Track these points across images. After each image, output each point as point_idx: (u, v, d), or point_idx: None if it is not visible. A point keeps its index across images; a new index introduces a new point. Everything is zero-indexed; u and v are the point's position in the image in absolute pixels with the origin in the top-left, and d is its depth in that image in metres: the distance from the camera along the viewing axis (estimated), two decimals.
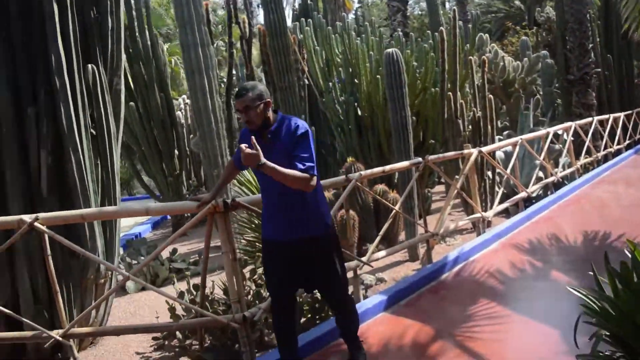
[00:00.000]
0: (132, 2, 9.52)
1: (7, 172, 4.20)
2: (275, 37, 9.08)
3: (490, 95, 7.87)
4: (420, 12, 31.99)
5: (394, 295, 4.50)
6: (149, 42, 9.74)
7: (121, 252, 7.47)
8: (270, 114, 2.98)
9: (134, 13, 9.57)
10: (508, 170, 7.40)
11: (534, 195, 8.06)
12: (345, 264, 4.62)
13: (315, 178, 2.90)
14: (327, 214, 3.12)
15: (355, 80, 9.21)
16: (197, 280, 4.07)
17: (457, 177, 6.37)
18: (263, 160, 2.70)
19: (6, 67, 4.21)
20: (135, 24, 9.67)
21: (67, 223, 3.98)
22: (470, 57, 8.43)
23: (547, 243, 5.92)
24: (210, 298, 4.33)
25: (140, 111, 9.90)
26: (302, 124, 2.96)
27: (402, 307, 4.44)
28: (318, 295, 4.47)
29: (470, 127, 7.87)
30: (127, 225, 10.71)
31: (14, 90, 4.27)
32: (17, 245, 4.16)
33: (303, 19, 10.05)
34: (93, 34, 4.74)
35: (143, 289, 6.49)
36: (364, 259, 4.59)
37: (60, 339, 3.55)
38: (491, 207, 7.03)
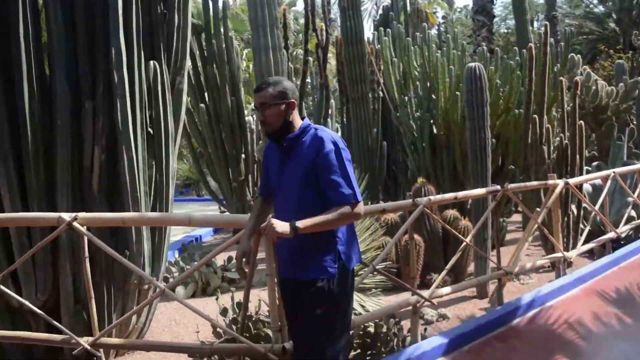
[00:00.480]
0: (210, 4, 9.48)
1: (58, 167, 4.04)
2: (351, 45, 8.75)
3: (581, 122, 7.16)
4: (506, 30, 30.86)
5: (455, 339, 4.00)
6: (224, 45, 9.64)
7: (177, 255, 7.32)
8: (295, 118, 2.46)
9: (211, 15, 9.52)
10: (597, 207, 6.65)
11: (623, 236, 7.23)
12: (405, 298, 4.20)
13: (360, 205, 2.36)
14: (343, 253, 2.43)
15: (433, 95, 8.71)
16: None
17: (538, 209, 5.75)
18: (296, 225, 2.25)
19: (67, 59, 4.07)
20: (212, 25, 9.61)
21: (106, 225, 3.76)
22: (561, 78, 7.75)
23: (637, 293, 5.22)
24: (254, 318, 3.99)
25: (210, 114, 9.80)
26: (332, 136, 2.41)
27: (463, 354, 3.93)
28: (371, 329, 4.04)
29: (555, 154, 7.19)
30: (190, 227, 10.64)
31: (73, 82, 4.13)
32: (61, 242, 4.01)
33: (382, 29, 9.66)
34: (158, 30, 4.56)
35: (193, 295, 6.29)
36: (425, 294, 4.11)
37: (89, 347, 3.31)
38: (574, 247, 6.33)
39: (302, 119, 2.50)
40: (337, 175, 2.32)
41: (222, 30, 9.62)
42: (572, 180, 6.16)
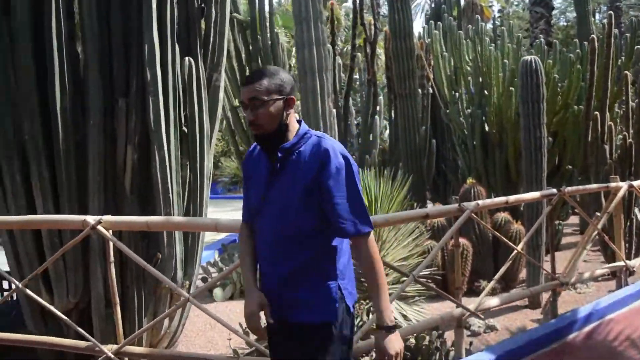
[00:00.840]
0: (257, 0, 9.34)
1: (89, 166, 3.95)
2: (399, 39, 8.42)
3: None
4: (565, 24, 29.58)
5: (504, 355, 3.67)
6: (269, 42, 9.48)
7: (216, 256, 7.23)
8: (292, 120, 1.97)
9: (257, 11, 9.38)
10: None
11: None
12: (449, 309, 3.91)
13: (371, 234, 1.93)
14: (344, 289, 1.96)
15: (485, 91, 8.30)
16: None
17: (597, 214, 5.31)
18: (390, 322, 1.87)
19: (100, 55, 3.95)
20: (257, 22, 9.47)
21: (131, 229, 3.65)
22: (625, 72, 7.21)
23: None
24: None
25: None
26: (340, 148, 1.93)
27: None
28: (412, 340, 3.78)
29: (618, 154, 6.69)
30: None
31: (107, 79, 4.02)
32: (92, 244, 3.93)
33: (432, 22, 9.28)
34: (195, 26, 4.42)
35: (231, 297, 6.17)
36: (471, 305, 3.80)
37: (112, 356, 3.19)
38: (637, 254, 5.85)
39: (299, 122, 2.01)
40: (349, 200, 1.87)
41: (267, 25, 9.47)
42: (637, 183, 5.67)
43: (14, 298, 4.76)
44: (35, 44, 3.81)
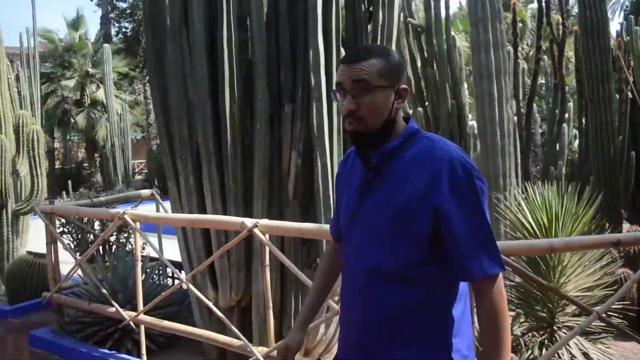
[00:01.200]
0: (432, 3, 9.05)
1: (255, 170, 4.05)
2: (590, 37, 7.49)
3: None
4: None
5: None
6: (445, 46, 9.13)
7: None
8: (399, 118, 1.50)
9: (432, 15, 9.09)
10: None
11: None
12: None
13: (500, 276, 1.39)
14: (456, 351, 1.44)
15: None
16: None
17: None
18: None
19: (268, 62, 4.04)
20: (433, 26, 9.17)
21: (286, 235, 3.63)
22: None
23: None
24: None
25: (429, 118, 9.38)
26: (461, 155, 1.41)
27: None
28: None
29: None
30: None
31: (274, 85, 4.10)
32: (255, 245, 4.01)
33: (632, 17, 8.13)
34: (362, 30, 4.32)
35: None
36: None
37: (261, 358, 3.20)
38: None
39: (406, 119, 1.53)
40: (473, 228, 1.37)
41: (444, 30, 9.14)
42: None
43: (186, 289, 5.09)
44: (210, 54, 4.01)
